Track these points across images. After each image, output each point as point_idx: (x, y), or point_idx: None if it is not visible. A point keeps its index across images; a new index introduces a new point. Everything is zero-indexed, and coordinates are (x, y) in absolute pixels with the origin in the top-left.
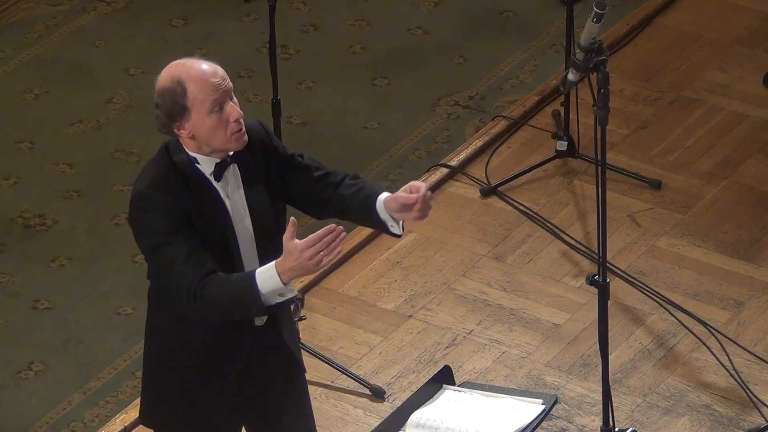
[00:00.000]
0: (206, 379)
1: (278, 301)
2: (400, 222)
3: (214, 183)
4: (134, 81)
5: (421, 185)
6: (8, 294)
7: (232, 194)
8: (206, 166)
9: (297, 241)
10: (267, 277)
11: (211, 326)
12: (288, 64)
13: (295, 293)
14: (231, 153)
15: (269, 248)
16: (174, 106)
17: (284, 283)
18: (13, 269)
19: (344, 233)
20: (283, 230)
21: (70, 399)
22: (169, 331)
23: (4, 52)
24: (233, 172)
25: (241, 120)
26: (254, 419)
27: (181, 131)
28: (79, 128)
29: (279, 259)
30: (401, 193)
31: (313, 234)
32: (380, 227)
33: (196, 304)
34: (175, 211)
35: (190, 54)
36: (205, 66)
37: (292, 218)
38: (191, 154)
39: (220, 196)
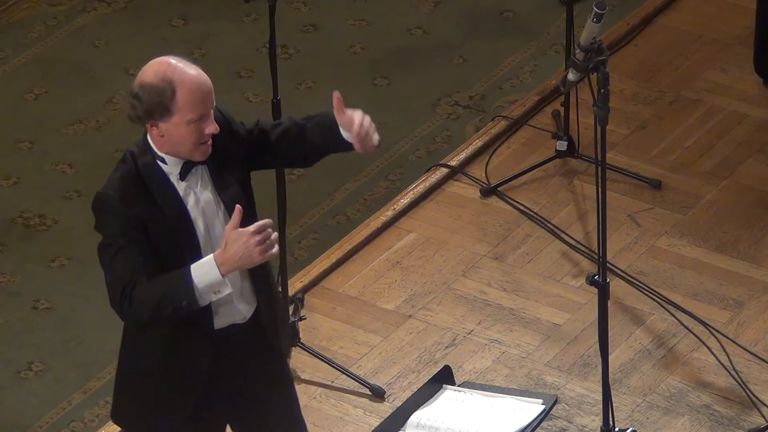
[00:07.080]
0: (170, 388)
1: (212, 299)
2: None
3: (177, 184)
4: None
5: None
6: (8, 294)
7: (201, 194)
8: (173, 166)
9: (243, 228)
10: (204, 270)
11: (169, 333)
12: (288, 64)
13: (230, 290)
14: None
15: None
16: (158, 105)
17: (222, 275)
18: (13, 269)
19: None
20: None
21: (70, 399)
22: (132, 338)
23: (4, 52)
24: (201, 171)
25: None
26: (237, 417)
27: (153, 129)
28: (79, 128)
29: (218, 250)
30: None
31: (261, 221)
32: (343, 145)
33: (125, 305)
34: (129, 219)
35: (190, 54)
36: (197, 73)
37: (237, 206)
38: (159, 153)
39: (181, 199)
